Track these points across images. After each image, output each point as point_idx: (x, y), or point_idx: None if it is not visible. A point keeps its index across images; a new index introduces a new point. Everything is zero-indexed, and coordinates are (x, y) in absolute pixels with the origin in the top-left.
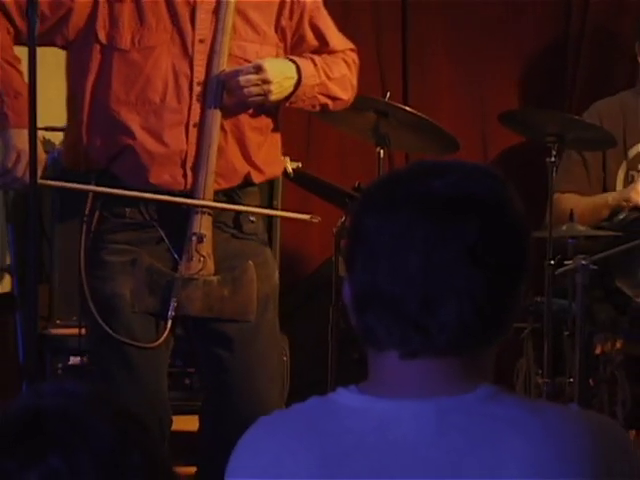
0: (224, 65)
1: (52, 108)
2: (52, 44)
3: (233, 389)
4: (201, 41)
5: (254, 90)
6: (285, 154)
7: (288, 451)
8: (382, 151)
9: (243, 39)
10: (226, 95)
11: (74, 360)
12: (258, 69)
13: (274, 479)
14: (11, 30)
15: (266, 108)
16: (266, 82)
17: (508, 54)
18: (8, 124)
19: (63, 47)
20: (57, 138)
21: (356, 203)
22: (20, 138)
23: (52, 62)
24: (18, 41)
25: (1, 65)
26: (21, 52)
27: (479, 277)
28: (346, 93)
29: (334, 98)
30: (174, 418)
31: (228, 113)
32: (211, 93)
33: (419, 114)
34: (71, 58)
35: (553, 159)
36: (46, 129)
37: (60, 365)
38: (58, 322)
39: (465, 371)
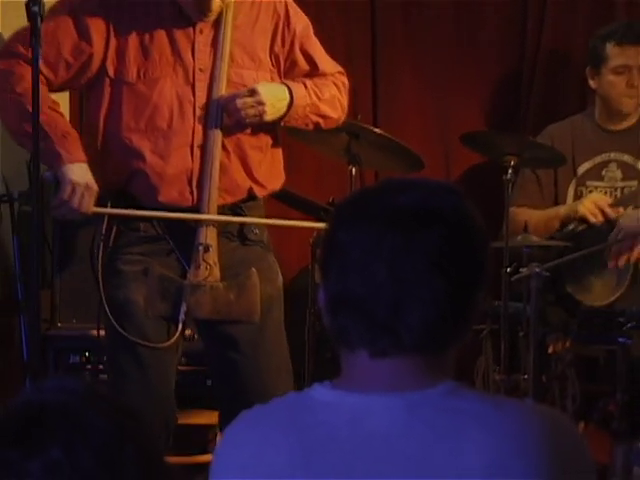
0: (223, 90)
1: None
2: (79, 87)
3: (243, 386)
4: (201, 70)
5: (250, 112)
6: None
7: (269, 442)
8: (354, 169)
9: (240, 66)
10: (226, 117)
11: (74, 359)
12: (253, 92)
13: (257, 468)
14: (43, 80)
15: (265, 128)
16: (260, 104)
17: (469, 79)
18: (62, 162)
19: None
20: None
21: (330, 216)
22: (74, 172)
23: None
24: (51, 88)
25: (45, 111)
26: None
27: (442, 284)
28: (336, 112)
29: (325, 117)
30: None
31: (229, 133)
32: (212, 116)
33: (387, 135)
34: (86, 93)
35: (509, 176)
36: None
37: (61, 363)
38: (59, 324)
39: (429, 368)
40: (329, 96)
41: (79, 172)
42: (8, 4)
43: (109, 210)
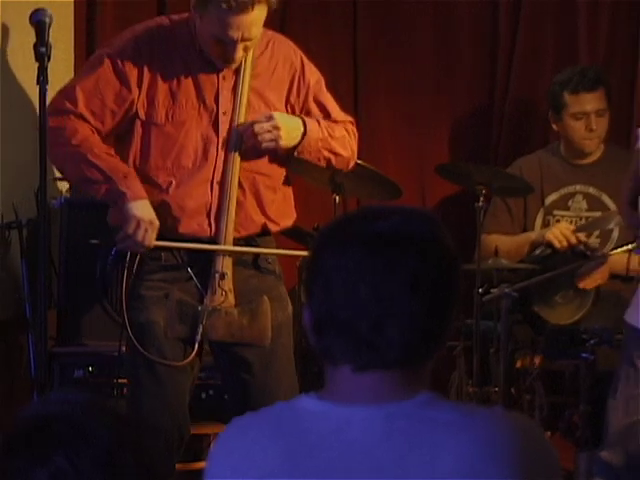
0: None
1: None
2: (123, 130)
3: (254, 405)
4: (224, 113)
5: (266, 136)
6: None
7: (258, 447)
8: (337, 197)
9: (257, 112)
10: (244, 142)
11: (77, 373)
12: (270, 118)
13: (247, 470)
14: (94, 130)
15: (278, 170)
16: (276, 128)
17: (444, 114)
18: (127, 199)
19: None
20: (64, 186)
21: (315, 241)
22: (138, 209)
23: None
24: (101, 136)
25: (103, 157)
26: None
27: (419, 304)
28: (346, 151)
29: (336, 154)
30: None
31: (246, 172)
32: (231, 147)
33: (368, 166)
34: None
35: (481, 204)
36: (59, 179)
37: (65, 378)
38: (64, 342)
39: (407, 381)
40: (340, 135)
41: (143, 209)
42: (8, 4)
43: (166, 243)
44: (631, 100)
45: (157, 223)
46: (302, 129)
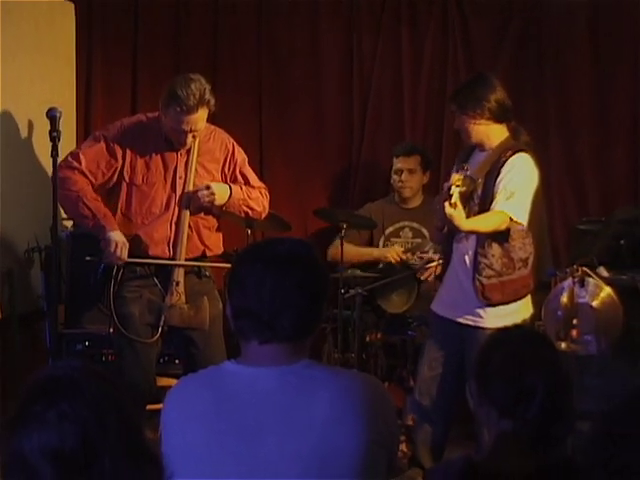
0: (190, 188)
1: None
2: (111, 186)
3: (197, 368)
4: (180, 178)
5: (206, 199)
6: None
7: (196, 395)
8: (249, 230)
9: (202, 178)
10: (192, 202)
11: (78, 347)
12: (208, 187)
13: (189, 413)
14: (89, 183)
15: (212, 219)
16: (212, 194)
17: (318, 176)
18: (106, 230)
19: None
20: (69, 223)
21: (235, 259)
22: (115, 236)
23: None
24: (93, 188)
25: (92, 201)
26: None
27: (303, 300)
28: (259, 207)
29: (252, 209)
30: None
31: (192, 217)
32: (184, 202)
33: (270, 210)
34: (107, 191)
35: (342, 235)
36: (66, 219)
37: (70, 350)
38: (69, 326)
39: (294, 351)
40: (255, 197)
41: (118, 235)
42: (33, 105)
43: (140, 260)
44: (438, 165)
45: (127, 245)
46: (229, 192)
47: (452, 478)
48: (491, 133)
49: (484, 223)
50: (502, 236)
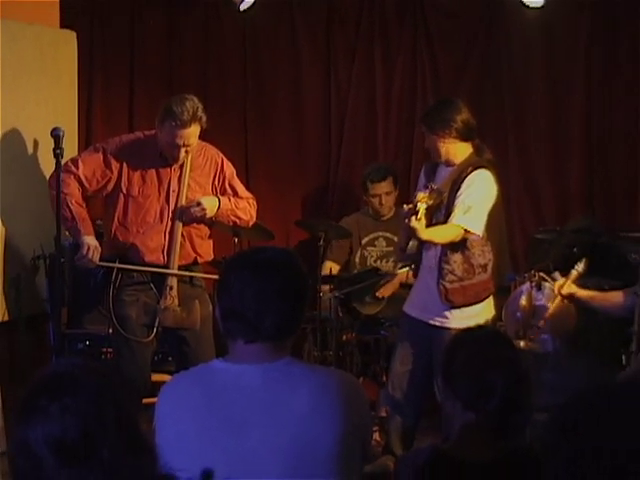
0: (183, 202)
1: None
2: (100, 195)
3: (188, 365)
4: (173, 191)
5: (197, 213)
6: None
7: (187, 391)
8: (237, 239)
9: (194, 191)
10: (184, 216)
11: (80, 346)
12: (199, 203)
13: (182, 407)
14: (79, 189)
15: (204, 228)
16: (203, 209)
17: (300, 190)
18: (81, 234)
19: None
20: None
21: (223, 265)
22: (89, 240)
23: None
24: (85, 194)
25: (75, 206)
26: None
27: (285, 303)
28: (247, 216)
29: (240, 218)
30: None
31: (185, 227)
32: (177, 216)
33: (255, 221)
34: (106, 200)
35: (321, 244)
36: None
37: (72, 349)
38: (71, 326)
39: (277, 349)
40: (243, 207)
41: (91, 240)
42: (40, 127)
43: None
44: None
45: (99, 249)
46: (218, 204)
47: (421, 464)
48: (457, 151)
49: (441, 234)
50: (461, 245)
